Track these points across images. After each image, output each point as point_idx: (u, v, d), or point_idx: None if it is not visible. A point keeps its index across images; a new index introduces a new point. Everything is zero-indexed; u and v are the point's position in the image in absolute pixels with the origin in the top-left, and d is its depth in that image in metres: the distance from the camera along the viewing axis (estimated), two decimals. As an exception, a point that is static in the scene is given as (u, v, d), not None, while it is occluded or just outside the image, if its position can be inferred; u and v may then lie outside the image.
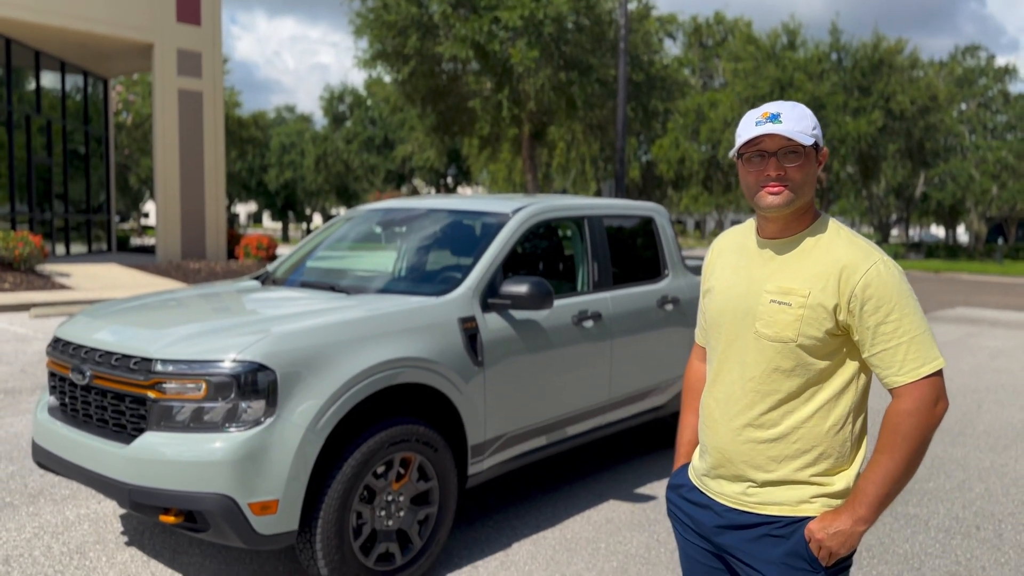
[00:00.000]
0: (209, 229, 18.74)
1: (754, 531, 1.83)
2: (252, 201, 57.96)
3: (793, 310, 1.77)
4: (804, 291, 1.76)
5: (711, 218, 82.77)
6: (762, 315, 1.81)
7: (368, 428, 3.29)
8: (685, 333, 5.10)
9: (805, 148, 1.76)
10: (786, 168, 1.76)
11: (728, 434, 1.87)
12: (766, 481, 1.82)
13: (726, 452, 1.87)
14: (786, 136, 1.74)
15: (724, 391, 1.89)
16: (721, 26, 38.46)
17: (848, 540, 1.75)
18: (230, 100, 37.79)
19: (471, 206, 4.52)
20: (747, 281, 1.86)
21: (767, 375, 1.81)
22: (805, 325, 1.76)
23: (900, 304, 1.72)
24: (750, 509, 1.84)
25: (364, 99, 48.71)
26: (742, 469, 1.85)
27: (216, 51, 18.74)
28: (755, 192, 1.80)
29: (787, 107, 1.80)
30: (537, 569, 3.65)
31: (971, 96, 38.96)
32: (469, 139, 27.82)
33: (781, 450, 1.81)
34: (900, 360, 1.71)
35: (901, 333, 1.71)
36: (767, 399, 1.81)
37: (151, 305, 3.89)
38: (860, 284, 1.72)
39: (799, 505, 1.80)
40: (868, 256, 1.75)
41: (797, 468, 1.80)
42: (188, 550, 3.79)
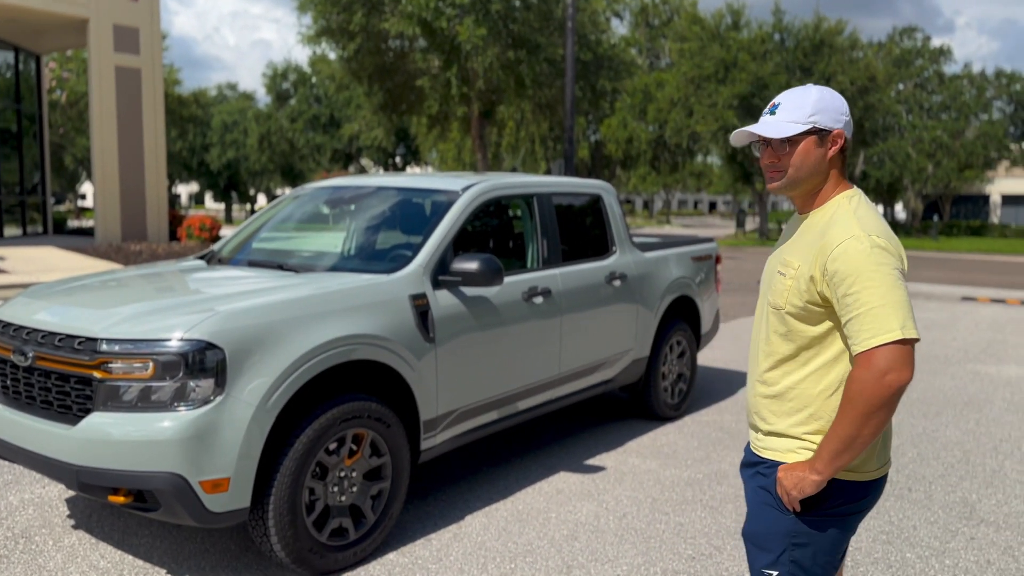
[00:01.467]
0: (150, 210, 18.28)
1: (753, 468, 2.08)
2: (194, 182, 56.63)
3: (786, 280, 1.96)
4: (796, 263, 1.94)
5: (659, 197, 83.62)
6: (772, 284, 2.03)
7: (320, 405, 3.30)
8: (632, 308, 5.20)
9: (791, 138, 1.92)
10: (779, 156, 1.95)
11: (750, 389, 2.13)
12: (768, 431, 2.04)
13: (749, 404, 2.13)
14: (762, 134, 1.94)
15: (752, 351, 2.15)
16: (667, 6, 38.68)
17: (799, 484, 1.90)
18: (169, 78, 36.78)
19: (420, 184, 4.53)
20: (775, 256, 2.09)
21: (769, 337, 2.03)
22: (791, 294, 1.94)
23: (862, 277, 1.80)
24: (757, 452, 2.09)
25: (309, 76, 47.81)
26: (754, 420, 2.10)
27: (154, 27, 18.20)
28: (765, 176, 2.02)
29: (790, 96, 1.95)
30: (490, 540, 3.71)
31: (908, 77, 39.95)
32: (417, 118, 27.57)
33: (779, 406, 2.01)
34: (857, 329, 1.81)
35: (859, 304, 1.80)
36: (769, 359, 2.04)
37: (92, 286, 3.82)
38: (830, 258, 1.85)
39: (786, 454, 2.00)
40: (845, 231, 1.86)
41: (791, 424, 1.99)
42: (138, 531, 3.76)
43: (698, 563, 3.52)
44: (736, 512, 4.08)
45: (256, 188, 54.30)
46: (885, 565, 3.53)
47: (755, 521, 2.05)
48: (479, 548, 3.63)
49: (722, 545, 3.70)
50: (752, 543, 2.05)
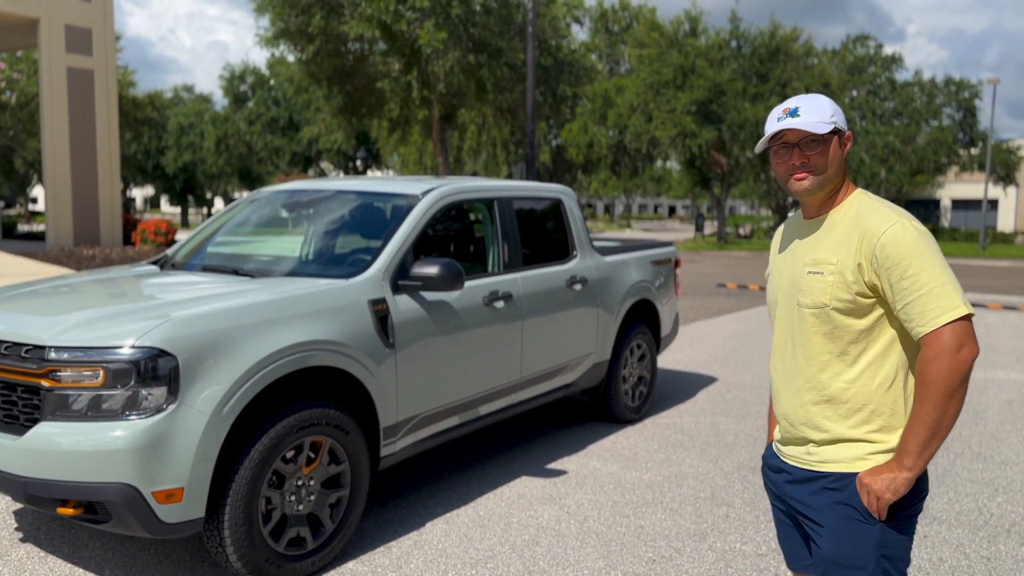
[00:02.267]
0: (103, 214, 17.89)
1: (814, 485, 1.98)
2: (149, 185, 55.58)
3: (825, 277, 1.93)
4: (833, 259, 1.93)
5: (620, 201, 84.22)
6: (803, 287, 1.98)
7: (276, 413, 3.25)
8: (593, 312, 5.21)
9: (823, 136, 1.93)
10: (808, 156, 1.94)
11: (788, 401, 2.04)
12: (824, 440, 1.97)
13: (789, 417, 2.04)
14: (804, 128, 1.91)
15: (781, 362, 2.07)
16: (626, 12, 39.01)
17: (892, 484, 1.85)
18: (124, 79, 36.06)
19: (380, 188, 4.49)
20: (792, 260, 2.05)
21: (810, 340, 1.97)
22: (836, 289, 1.91)
23: (917, 259, 1.82)
24: (812, 467, 1.99)
25: (267, 79, 47.23)
26: (803, 431, 2.01)
27: (108, 27, 17.83)
28: (786, 180, 1.98)
29: (805, 100, 1.97)
30: (451, 546, 3.69)
31: (861, 83, 40.75)
32: (378, 121, 27.41)
33: (834, 410, 1.95)
34: (920, 311, 1.81)
35: (919, 286, 1.81)
36: (814, 363, 1.97)
37: (42, 292, 3.72)
38: (879, 244, 1.85)
39: (854, 462, 1.93)
40: (887, 219, 1.88)
41: (851, 426, 1.93)
42: (88, 543, 3.66)
43: (658, 565, 3.53)
44: (695, 514, 4.11)
45: (213, 192, 53.50)
46: (841, 564, 3.58)
47: (840, 540, 1.93)
48: (440, 555, 3.60)
49: (682, 547, 3.72)
50: (841, 565, 1.93)
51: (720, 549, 3.72)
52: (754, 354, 8.46)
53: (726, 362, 8.02)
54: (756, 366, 7.84)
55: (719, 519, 4.06)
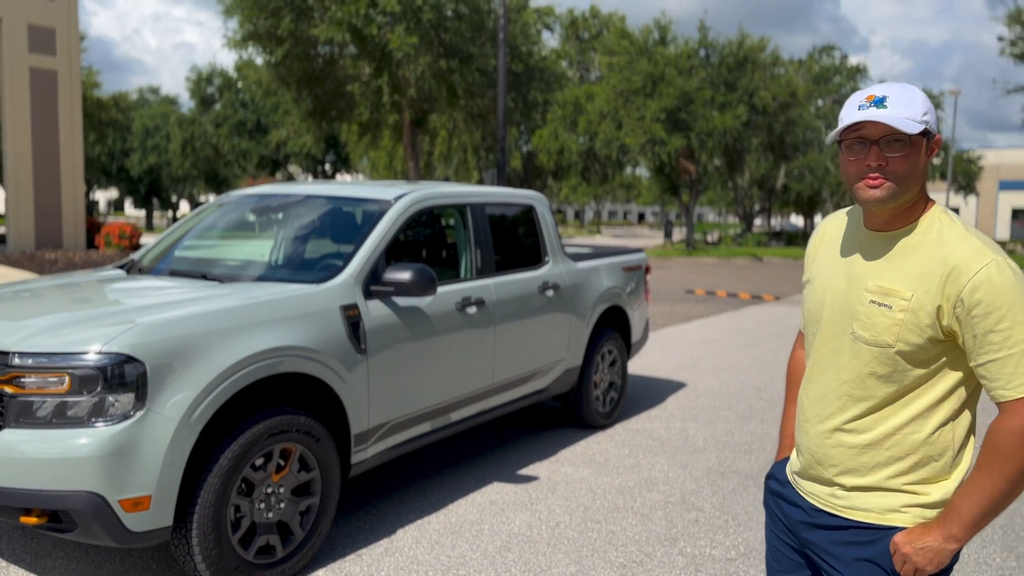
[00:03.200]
0: (66, 217, 17.58)
1: (839, 533, 1.74)
2: (113, 188, 54.75)
3: (893, 313, 1.63)
4: (907, 293, 1.62)
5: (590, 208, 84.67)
6: (861, 316, 1.68)
7: (246, 419, 3.21)
8: (565, 318, 5.23)
9: (911, 137, 1.60)
10: (888, 158, 1.61)
11: (818, 436, 1.78)
12: (855, 486, 1.72)
13: (816, 454, 1.78)
14: (889, 124, 1.59)
15: (817, 391, 1.79)
16: (596, 20, 39.27)
17: (936, 557, 1.62)
18: (88, 80, 35.50)
19: (352, 192, 4.46)
20: (847, 276, 1.74)
21: (862, 379, 1.70)
22: (905, 331, 1.62)
23: (1013, 310, 1.54)
24: (837, 512, 1.75)
25: (234, 81, 46.80)
26: (831, 473, 1.75)
27: (72, 27, 17.54)
28: (854, 183, 1.66)
29: (896, 90, 1.64)
30: (422, 553, 3.67)
31: (827, 93, 41.42)
32: (348, 125, 27.28)
33: (873, 456, 1.70)
34: (1009, 372, 1.55)
35: (1012, 343, 1.54)
36: (860, 404, 1.71)
37: (4, 296, 3.64)
38: (968, 287, 1.56)
39: (887, 513, 1.69)
40: (980, 256, 1.58)
41: (889, 476, 1.69)
42: (52, 552, 3.59)
43: (629, 570, 3.55)
44: (665, 518, 4.13)
45: (179, 195, 52.81)
46: (809, 568, 3.62)
47: None
48: (411, 562, 3.58)
49: (652, 552, 3.74)
50: None
51: (690, 554, 3.74)
52: (723, 360, 8.55)
53: (695, 368, 8.09)
54: (724, 371, 7.92)
55: (689, 524, 4.09)
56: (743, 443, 5.52)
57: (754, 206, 44.89)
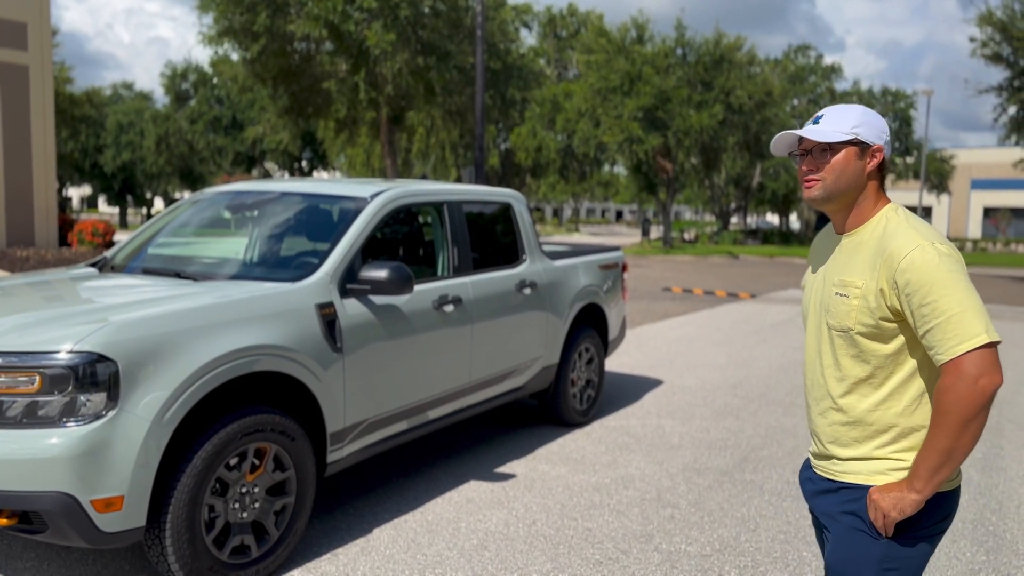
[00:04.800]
0: (38, 214, 17.32)
1: (835, 495, 1.98)
2: (86, 184, 54.04)
3: (850, 300, 1.89)
4: (859, 282, 1.88)
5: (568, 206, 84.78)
6: (831, 307, 1.95)
7: (220, 419, 3.19)
8: (542, 316, 5.24)
9: (831, 145, 1.91)
10: (818, 164, 1.93)
11: (817, 419, 2.03)
12: (850, 457, 1.96)
13: (818, 434, 2.04)
14: (813, 138, 1.90)
15: (810, 379, 2.06)
16: (574, 18, 39.34)
17: (899, 504, 1.83)
18: (60, 75, 34.98)
19: (328, 190, 4.44)
20: (823, 276, 2.02)
21: (839, 361, 1.95)
22: (860, 314, 1.87)
23: (937, 285, 1.76)
24: (834, 477, 1.99)
25: (210, 77, 46.34)
26: (830, 449, 1.99)
27: (44, 21, 17.27)
28: (802, 187, 1.97)
29: (833, 111, 1.95)
30: (399, 552, 3.66)
31: (802, 92, 41.79)
32: (325, 122, 27.12)
33: (860, 432, 1.93)
34: (939, 339, 1.76)
35: (939, 312, 1.76)
36: (841, 384, 1.95)
37: (-27, 294, 3.58)
38: (899, 269, 1.80)
39: (873, 475, 1.92)
40: (910, 242, 1.82)
41: (876, 447, 1.92)
42: (22, 554, 3.54)
43: (605, 567, 3.57)
44: (641, 515, 4.15)
45: (153, 192, 52.21)
46: (783, 563, 3.66)
47: (843, 548, 1.94)
48: (387, 561, 3.57)
49: (628, 549, 3.77)
50: (840, 572, 1.95)
51: (666, 550, 3.77)
52: (699, 357, 8.60)
53: (672, 365, 8.14)
54: (701, 369, 7.97)
55: (664, 520, 4.11)
56: (718, 440, 5.56)
57: (730, 204, 45.21)
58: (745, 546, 3.84)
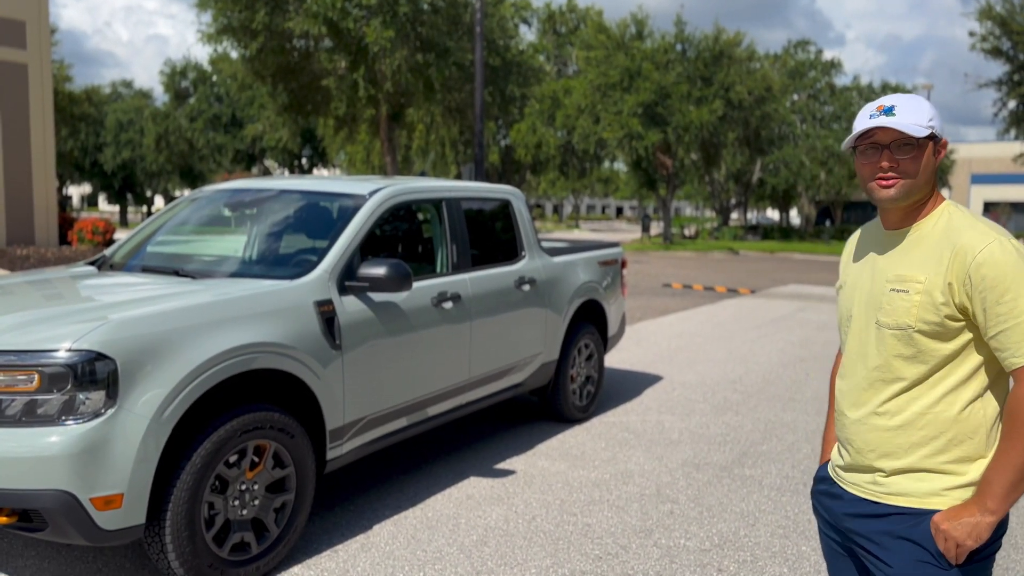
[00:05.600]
0: (38, 213, 17.33)
1: (881, 521, 1.81)
2: (86, 183, 54.04)
3: (910, 296, 1.76)
4: (921, 277, 1.76)
5: (568, 202, 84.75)
6: (884, 304, 1.82)
7: (219, 416, 3.20)
8: (541, 313, 5.24)
9: (918, 140, 1.77)
10: (899, 160, 1.78)
11: (855, 424, 1.87)
12: (895, 470, 1.80)
13: (854, 443, 1.87)
14: (898, 129, 1.75)
15: (849, 383, 1.91)
16: (574, 14, 39.30)
17: (975, 531, 1.69)
18: (60, 74, 34.96)
19: (326, 187, 4.44)
20: (871, 273, 1.89)
21: (889, 363, 1.81)
22: (922, 311, 1.74)
23: (1016, 283, 1.66)
24: (878, 499, 1.82)
25: (209, 75, 46.31)
26: (870, 459, 1.84)
27: (42, 20, 17.27)
28: (869, 184, 1.82)
29: (903, 100, 1.80)
30: (398, 548, 3.67)
31: (802, 88, 41.74)
32: (324, 119, 27.10)
33: (907, 437, 1.78)
34: (1017, 340, 1.65)
35: (1018, 313, 1.65)
36: (891, 386, 1.81)
37: (-28, 293, 3.59)
38: (974, 264, 1.69)
39: (927, 497, 1.76)
40: (984, 236, 1.71)
41: (926, 455, 1.76)
42: (23, 552, 3.55)
43: (604, 563, 3.58)
44: (640, 510, 4.16)
45: (153, 190, 52.23)
46: (783, 558, 3.67)
47: None
48: (387, 558, 3.58)
49: (628, 544, 3.77)
50: None
51: (665, 545, 3.78)
52: (698, 353, 8.61)
53: (671, 361, 8.15)
54: (701, 364, 7.98)
55: (664, 516, 4.12)
56: (718, 435, 5.57)
57: (730, 200, 45.20)
58: (744, 541, 3.85)
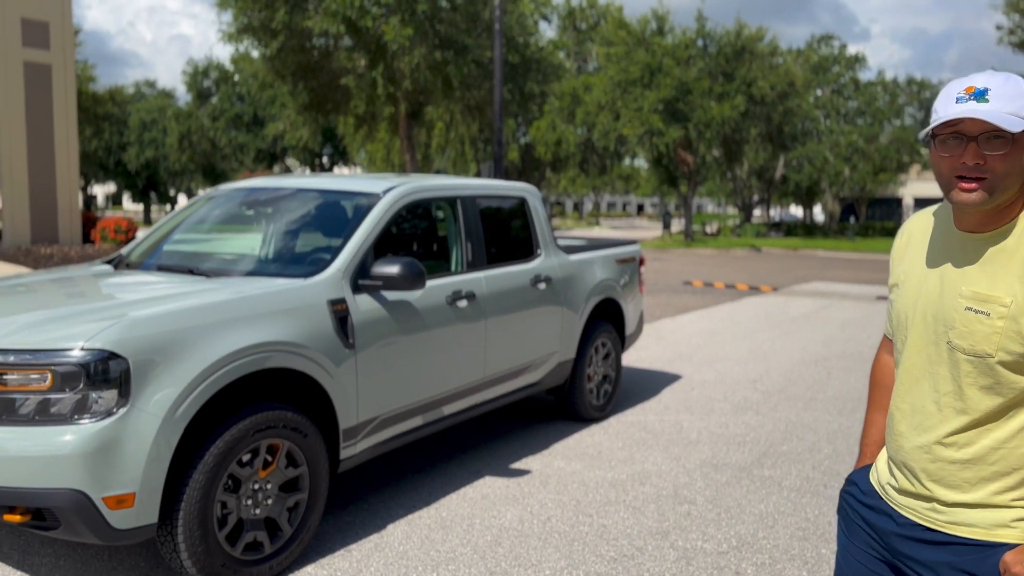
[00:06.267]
0: (62, 212, 17.53)
1: (939, 549, 1.62)
2: (111, 182, 54.66)
3: (992, 321, 1.51)
4: (1006, 299, 1.50)
5: (588, 199, 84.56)
6: (957, 324, 1.56)
7: (232, 415, 3.19)
8: (558, 311, 5.20)
9: (1014, 135, 1.46)
10: (987, 157, 1.48)
11: (915, 451, 1.66)
12: (957, 502, 1.60)
13: (912, 468, 1.66)
14: (991, 121, 1.45)
15: (911, 403, 1.67)
16: (594, 10, 39.13)
17: None
18: (83, 74, 35.37)
19: (340, 186, 4.43)
20: (940, 280, 1.62)
21: (962, 391, 1.58)
22: (1006, 339, 1.50)
23: None
24: (938, 527, 1.62)
25: (231, 74, 46.65)
26: (931, 488, 1.63)
27: (66, 21, 17.46)
28: (947, 183, 1.54)
29: (998, 81, 1.49)
30: (412, 549, 3.65)
31: (825, 83, 41.33)
32: (344, 118, 27.20)
33: (976, 472, 1.57)
34: None
35: None
36: (961, 417, 1.58)
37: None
38: None
39: (994, 529, 1.56)
40: None
41: (995, 492, 1.56)
42: (40, 550, 3.57)
43: (619, 564, 3.53)
44: (657, 512, 4.11)
45: (176, 188, 52.75)
46: (802, 561, 3.61)
47: None
48: (400, 558, 3.56)
49: (643, 546, 3.73)
50: None
51: (681, 547, 3.72)
52: (718, 351, 8.52)
53: (691, 359, 8.07)
54: (721, 363, 7.90)
55: (681, 517, 4.07)
56: (737, 435, 5.50)
57: (753, 197, 44.85)
58: (763, 543, 3.79)
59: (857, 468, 1.91)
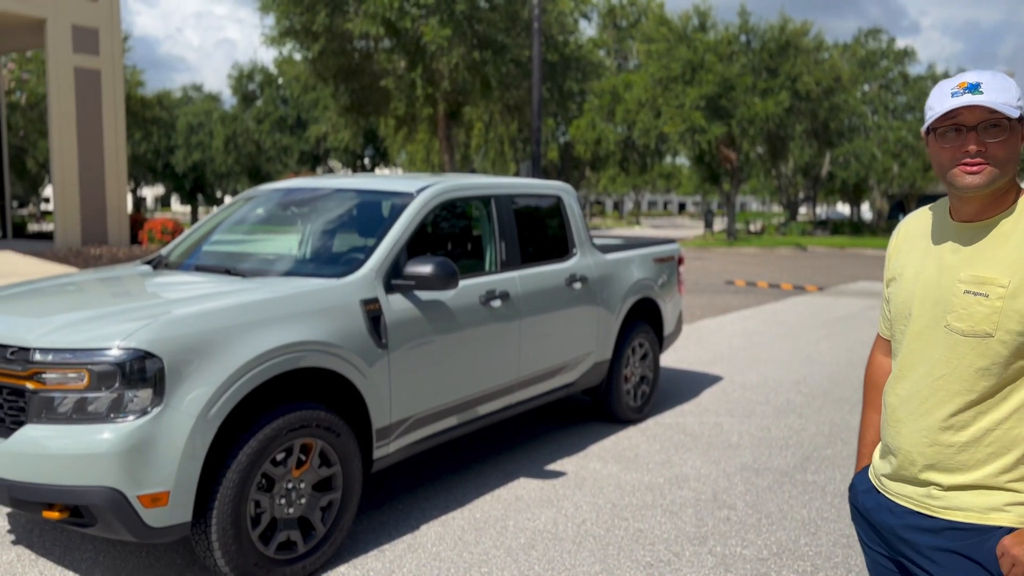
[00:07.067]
0: (111, 213, 17.95)
1: (937, 537, 1.67)
2: (159, 184, 55.81)
3: (990, 302, 1.59)
4: (1003, 280, 1.58)
5: (629, 198, 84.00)
6: (955, 307, 1.63)
7: (265, 415, 3.20)
8: (593, 311, 5.14)
9: (1010, 121, 1.59)
10: (987, 143, 1.59)
11: (913, 435, 1.70)
12: (953, 485, 1.65)
13: (910, 454, 1.71)
14: (989, 107, 1.57)
15: (909, 388, 1.72)
16: (634, 7, 38.84)
17: None
18: (132, 79, 36.17)
19: (375, 186, 4.43)
20: (938, 268, 1.69)
21: (959, 373, 1.63)
22: (1004, 319, 1.57)
23: None
24: (934, 513, 1.68)
25: (275, 77, 47.30)
26: (927, 472, 1.68)
27: (115, 27, 17.86)
28: (949, 170, 1.63)
29: (988, 76, 1.62)
30: (445, 550, 3.63)
31: (873, 78, 40.46)
32: (385, 119, 27.40)
33: (972, 454, 1.63)
34: None
35: None
36: (957, 399, 1.64)
37: (28, 292, 3.68)
38: None
39: (989, 512, 1.61)
40: None
41: (991, 473, 1.62)
42: (80, 546, 3.63)
43: (656, 570, 3.47)
44: (695, 516, 4.03)
45: (223, 190, 53.65)
46: (845, 569, 3.50)
47: None
48: (433, 559, 3.54)
49: (681, 551, 3.65)
50: None
51: (720, 553, 3.64)
52: (761, 352, 8.37)
53: (732, 360, 7.94)
54: (763, 364, 7.75)
55: (720, 522, 3.99)
56: (779, 439, 5.38)
57: (798, 194, 44.10)
58: (804, 550, 3.69)
59: (857, 472, 1.95)
